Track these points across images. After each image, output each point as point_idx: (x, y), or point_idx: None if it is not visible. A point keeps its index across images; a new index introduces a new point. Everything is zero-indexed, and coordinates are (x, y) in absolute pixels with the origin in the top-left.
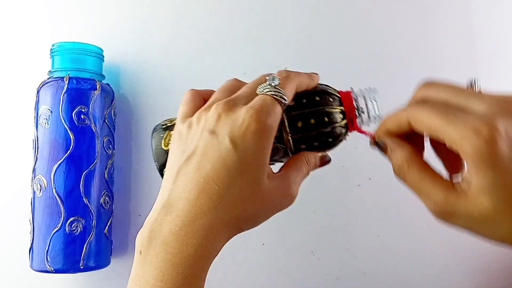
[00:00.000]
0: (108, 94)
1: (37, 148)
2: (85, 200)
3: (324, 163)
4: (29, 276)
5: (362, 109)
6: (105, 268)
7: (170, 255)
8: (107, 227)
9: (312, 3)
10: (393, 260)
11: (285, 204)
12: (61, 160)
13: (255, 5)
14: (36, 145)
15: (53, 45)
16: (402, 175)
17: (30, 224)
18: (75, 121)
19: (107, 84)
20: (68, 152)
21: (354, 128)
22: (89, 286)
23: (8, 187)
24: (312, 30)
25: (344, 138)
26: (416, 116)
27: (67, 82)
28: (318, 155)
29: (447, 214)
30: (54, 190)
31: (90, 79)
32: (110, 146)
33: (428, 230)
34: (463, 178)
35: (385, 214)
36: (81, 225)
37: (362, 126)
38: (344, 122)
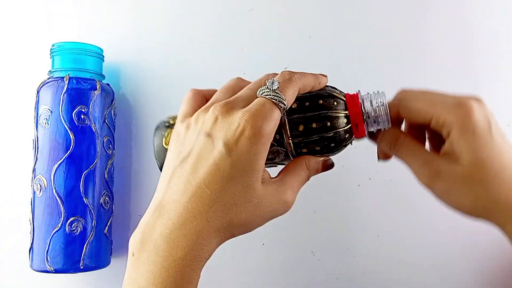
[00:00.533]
0: (108, 94)
1: (37, 148)
2: (85, 200)
3: (327, 168)
4: (29, 276)
5: (369, 114)
6: (105, 268)
7: (161, 258)
8: (107, 227)
9: (312, 3)
10: (393, 260)
11: (280, 211)
12: (61, 160)
13: (255, 5)
14: (36, 145)
15: (53, 45)
16: (396, 148)
17: (30, 224)
18: (75, 121)
19: (107, 84)
20: (68, 152)
21: (359, 134)
22: (89, 286)
23: (8, 187)
24: (312, 30)
25: (349, 143)
26: (404, 104)
27: (67, 82)
28: (320, 159)
29: (433, 175)
30: (54, 190)
31: (90, 79)
32: (110, 146)
33: (428, 230)
34: (446, 143)
35: (385, 214)
36: (81, 225)
37: (369, 131)
38: (349, 127)
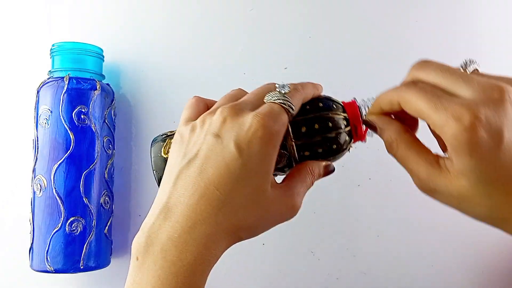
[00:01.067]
0: (108, 94)
1: (37, 148)
2: (85, 200)
3: (328, 173)
4: (29, 276)
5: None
6: (105, 268)
7: (169, 263)
8: (107, 227)
9: (312, 3)
10: (393, 260)
11: (288, 216)
12: (61, 160)
13: (255, 5)
14: (36, 145)
15: (53, 45)
16: (393, 152)
17: (30, 224)
18: (75, 121)
19: (107, 84)
20: (68, 152)
21: (358, 136)
22: (89, 286)
23: (8, 187)
24: (312, 30)
25: (349, 147)
26: (405, 98)
27: (67, 82)
28: (322, 164)
29: (430, 190)
30: (54, 190)
31: (90, 79)
32: (110, 146)
33: (428, 230)
34: (447, 158)
35: (385, 214)
36: (81, 225)
37: (367, 135)
38: (348, 129)
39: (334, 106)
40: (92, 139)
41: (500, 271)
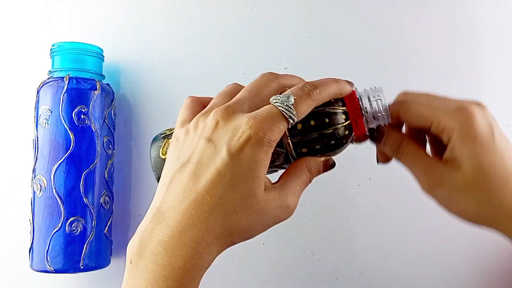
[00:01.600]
0: (108, 94)
1: (37, 148)
2: (85, 200)
3: (328, 168)
4: (29, 276)
5: (367, 109)
6: (105, 268)
7: (159, 267)
8: (107, 227)
9: (312, 3)
10: (393, 260)
11: (283, 217)
12: (61, 160)
13: (255, 5)
14: (36, 145)
15: (53, 45)
16: (399, 154)
17: (30, 224)
18: (75, 121)
19: (107, 84)
20: (68, 152)
21: (359, 130)
22: (89, 286)
23: (8, 187)
24: (312, 30)
25: (349, 140)
26: (405, 107)
27: (67, 82)
28: (321, 160)
29: (435, 182)
30: (54, 190)
31: (90, 79)
32: (110, 146)
33: (428, 230)
34: (448, 149)
35: (385, 214)
36: (81, 225)
37: (368, 127)
38: (348, 123)
39: (332, 100)
40: (92, 139)
41: (500, 271)
